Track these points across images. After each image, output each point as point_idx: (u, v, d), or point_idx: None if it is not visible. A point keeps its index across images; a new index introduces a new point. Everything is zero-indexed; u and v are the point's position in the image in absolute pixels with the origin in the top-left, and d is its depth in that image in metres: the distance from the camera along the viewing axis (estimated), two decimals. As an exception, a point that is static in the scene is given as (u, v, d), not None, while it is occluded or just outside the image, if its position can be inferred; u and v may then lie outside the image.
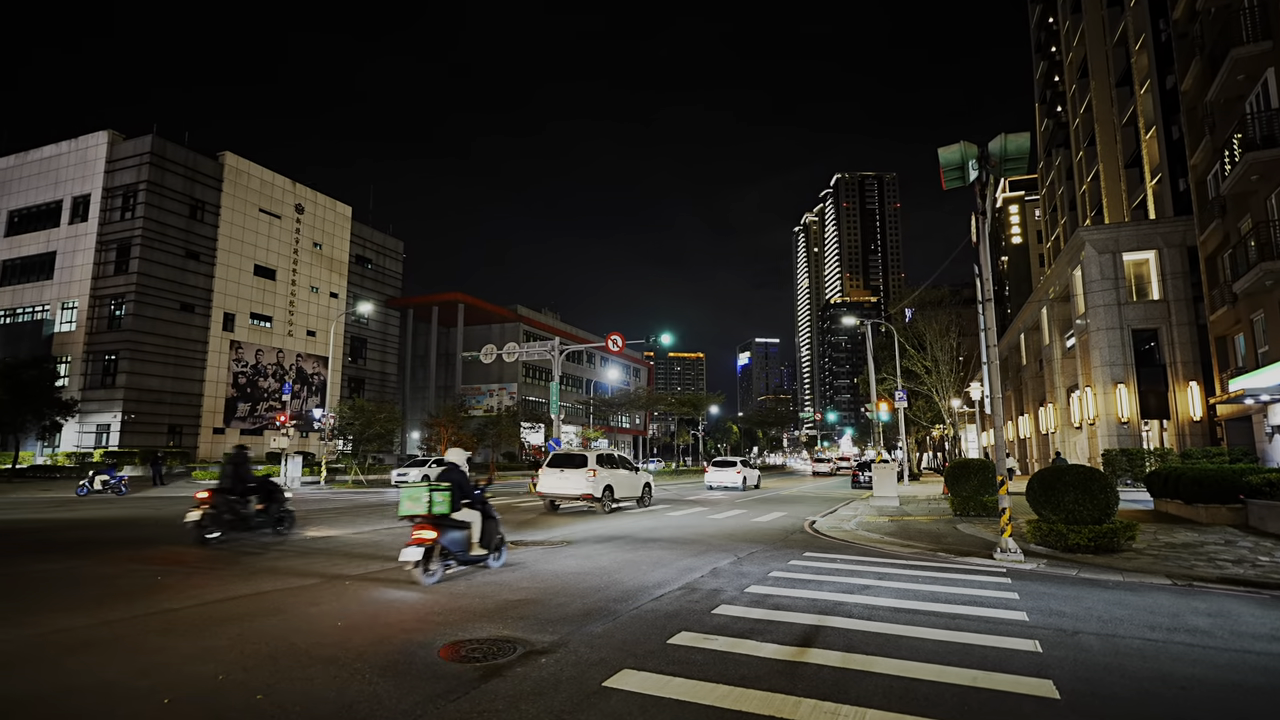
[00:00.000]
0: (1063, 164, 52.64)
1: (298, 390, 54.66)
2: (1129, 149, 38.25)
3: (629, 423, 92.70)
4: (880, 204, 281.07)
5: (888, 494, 21.97)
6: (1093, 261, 30.15)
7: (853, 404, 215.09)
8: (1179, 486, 15.55)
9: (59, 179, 48.65)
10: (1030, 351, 45.99)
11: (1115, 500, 10.67)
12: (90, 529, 13.83)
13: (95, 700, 4.31)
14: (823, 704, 4.36)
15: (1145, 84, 34.51)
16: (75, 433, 44.31)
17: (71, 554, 10.31)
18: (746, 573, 9.24)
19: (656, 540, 12.75)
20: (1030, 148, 11.19)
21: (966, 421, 53.61)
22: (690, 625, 6.32)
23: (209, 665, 4.99)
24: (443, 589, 7.87)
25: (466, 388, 70.64)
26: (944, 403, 42.38)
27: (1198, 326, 28.16)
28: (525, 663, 5.14)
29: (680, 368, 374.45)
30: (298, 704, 4.26)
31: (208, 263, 49.49)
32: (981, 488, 16.85)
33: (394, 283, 69.05)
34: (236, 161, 51.56)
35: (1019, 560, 10.13)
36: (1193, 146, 26.59)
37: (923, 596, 7.71)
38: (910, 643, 5.79)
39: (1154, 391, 29.04)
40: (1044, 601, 7.52)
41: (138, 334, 44.78)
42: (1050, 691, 4.59)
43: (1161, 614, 6.97)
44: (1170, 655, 5.52)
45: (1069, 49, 46.78)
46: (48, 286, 47.69)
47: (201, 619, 6.40)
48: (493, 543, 9.25)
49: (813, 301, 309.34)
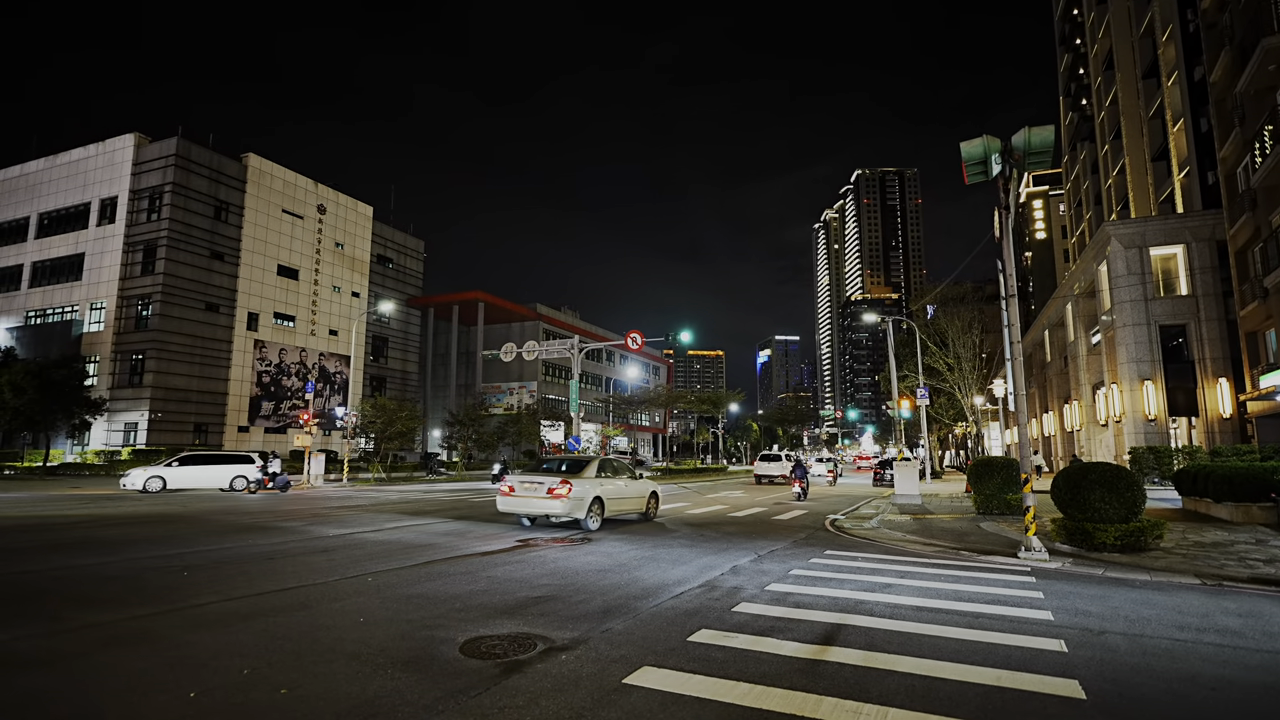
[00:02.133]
0: (1088, 158, 51.81)
1: (320, 389, 55.31)
2: (1156, 142, 37.54)
3: (649, 421, 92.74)
4: (901, 200, 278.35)
5: (910, 492, 21.77)
6: (1119, 256, 29.64)
7: (874, 401, 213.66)
8: (1208, 485, 15.26)
9: (87, 182, 49.59)
10: (1055, 348, 45.35)
11: (1142, 498, 10.50)
12: (130, 525, 14.09)
13: (124, 692, 4.40)
14: (844, 702, 4.33)
15: (1173, 76, 33.86)
16: (104, 431, 45.17)
17: (108, 549, 10.52)
18: (767, 570, 9.21)
19: (676, 538, 12.76)
20: (1054, 141, 11.02)
21: (989, 419, 52.96)
22: (711, 623, 6.31)
23: (235, 660, 5.07)
24: (462, 585, 7.93)
25: (487, 386, 71.03)
26: (966, 400, 41.87)
27: (1227, 322, 27.61)
28: (546, 659, 5.16)
29: (700, 365, 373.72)
30: (321, 698, 4.31)
31: (232, 263, 50.20)
32: (1005, 486, 16.66)
33: (415, 282, 69.58)
34: (259, 163, 52.23)
35: (1044, 559, 10.00)
36: (1222, 139, 26.05)
37: (945, 595, 7.63)
38: (933, 641, 5.74)
39: (1182, 388, 28.51)
40: (1069, 601, 7.42)
41: (164, 334, 45.55)
42: (1076, 692, 4.53)
43: (1190, 614, 6.85)
44: (1200, 656, 5.42)
45: (1094, 41, 46.01)
46: (77, 287, 48.65)
47: (227, 614, 6.50)
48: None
49: (833, 298, 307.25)
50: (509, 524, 14.86)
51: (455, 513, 17.45)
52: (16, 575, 8.30)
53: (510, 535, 12.83)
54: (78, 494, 23.06)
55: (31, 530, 12.75)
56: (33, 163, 52.45)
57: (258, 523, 14.51)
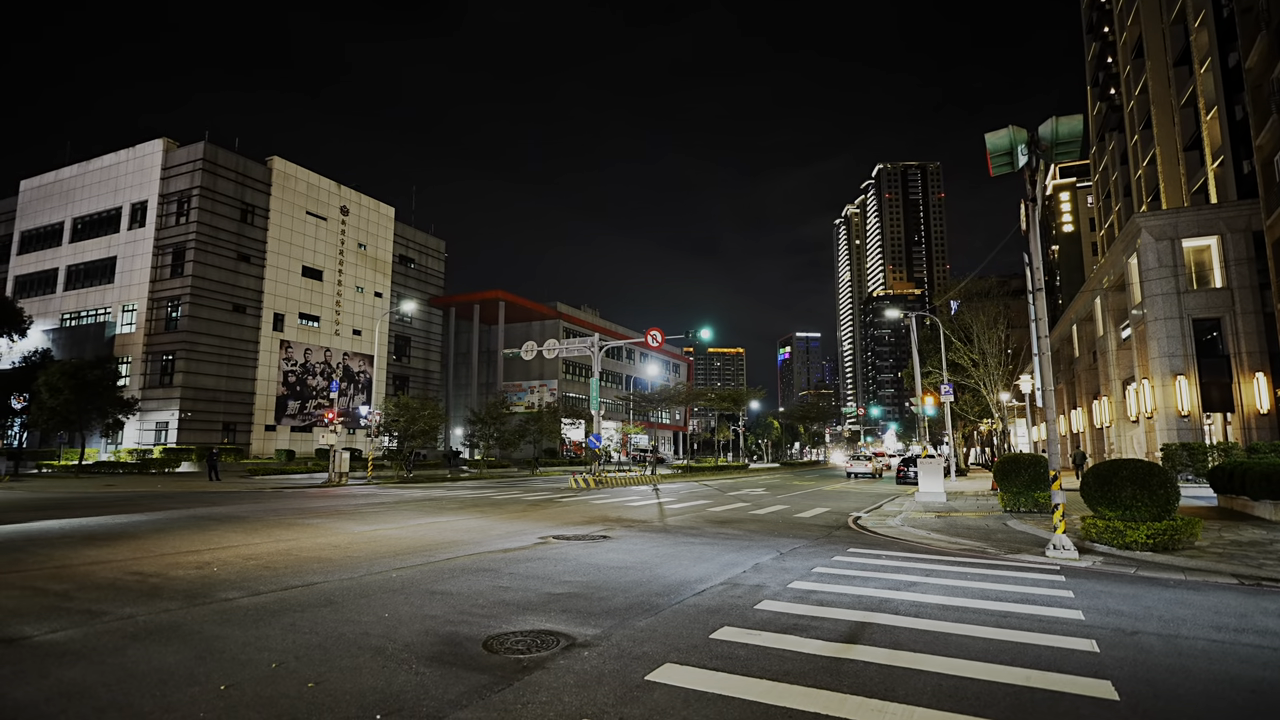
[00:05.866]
0: (1117, 148, 50.77)
1: (345, 388, 55.97)
2: (1188, 131, 36.67)
3: (669, 419, 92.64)
4: (924, 194, 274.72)
5: (934, 490, 21.51)
6: (1150, 249, 29.02)
7: (896, 398, 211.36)
8: (1245, 482, 14.89)
9: (118, 186, 50.67)
10: (1083, 343, 44.54)
11: (1175, 496, 10.27)
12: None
13: (157, 685, 4.48)
14: (869, 701, 4.28)
15: (1205, 62, 33.03)
16: (136, 430, 46.15)
17: (130, 540, 10.74)
18: (789, 568, 9.14)
19: (698, 536, 12.72)
20: (1083, 132, 10.79)
21: (1015, 416, 52.14)
22: (733, 620, 6.27)
23: (263, 653, 5.14)
24: (485, 581, 7.97)
25: (508, 384, 71.39)
26: (992, 396, 41.29)
27: (1264, 315, 26.91)
28: (568, 655, 5.17)
29: (720, 363, 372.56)
30: (348, 692, 4.36)
31: (258, 265, 50.97)
32: (1032, 483, 16.39)
33: (436, 281, 70.16)
34: (284, 166, 52.97)
35: (1073, 558, 9.81)
36: (1258, 126, 25.37)
37: (972, 594, 7.52)
38: (960, 641, 5.65)
39: (1216, 383, 27.85)
40: (1101, 600, 7.27)
41: (193, 335, 46.41)
42: (1109, 692, 4.43)
43: (1228, 614, 6.68)
44: (1238, 657, 5.28)
45: (1123, 28, 45.05)
46: (109, 290, 49.74)
47: (254, 608, 6.59)
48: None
49: (854, 294, 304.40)
50: (530, 521, 14.93)
51: (477, 510, 17.57)
52: (55, 570, 8.50)
53: (532, 533, 12.88)
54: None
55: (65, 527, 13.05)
56: (66, 169, 53.73)
57: (282, 520, 14.72)
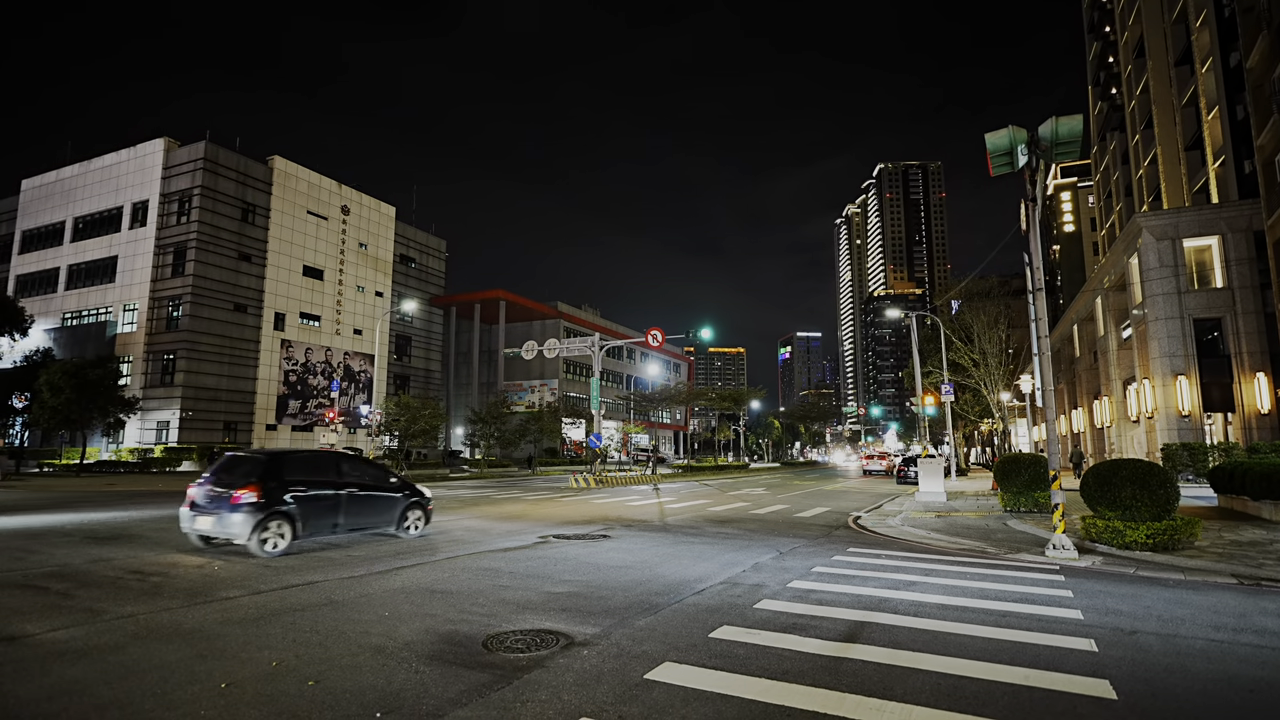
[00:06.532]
0: (1118, 148, 50.74)
1: (345, 387, 56.00)
2: (1189, 131, 36.64)
3: (669, 418, 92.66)
4: (925, 193, 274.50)
5: (934, 489, 21.50)
6: (1150, 248, 29.01)
7: (897, 398, 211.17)
8: (1245, 482, 14.88)
9: (119, 186, 50.68)
10: (1084, 343, 44.51)
11: (1175, 496, 10.27)
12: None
13: (158, 683, 4.49)
14: (868, 700, 4.29)
15: (1207, 62, 33.01)
16: (137, 429, 46.18)
17: (132, 542, 10.76)
18: (789, 568, 9.15)
19: (698, 535, 12.73)
20: (1083, 131, 10.79)
21: (1016, 416, 52.13)
22: (733, 619, 6.29)
23: (264, 652, 5.16)
24: (485, 580, 7.98)
25: (509, 384, 71.41)
26: (992, 396, 41.26)
27: (1265, 315, 26.89)
28: (568, 654, 5.18)
29: (720, 363, 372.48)
30: (348, 690, 4.37)
31: (259, 264, 50.99)
32: (1032, 483, 16.39)
33: (437, 281, 70.16)
34: (285, 165, 52.97)
35: (1073, 557, 9.82)
36: (1259, 126, 25.35)
37: (971, 593, 7.53)
38: (959, 640, 5.66)
39: (1217, 383, 27.83)
40: (1100, 600, 7.28)
41: (194, 334, 46.43)
42: (1107, 692, 4.44)
43: (1227, 614, 6.68)
44: (1237, 657, 5.28)
45: (1124, 28, 45.02)
46: (110, 289, 49.76)
47: (255, 607, 6.61)
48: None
49: (855, 294, 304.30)
50: (530, 520, 14.94)
51: (477, 509, 17.58)
52: (56, 568, 8.52)
53: (531, 532, 12.90)
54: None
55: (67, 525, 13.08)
56: (67, 169, 53.72)
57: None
